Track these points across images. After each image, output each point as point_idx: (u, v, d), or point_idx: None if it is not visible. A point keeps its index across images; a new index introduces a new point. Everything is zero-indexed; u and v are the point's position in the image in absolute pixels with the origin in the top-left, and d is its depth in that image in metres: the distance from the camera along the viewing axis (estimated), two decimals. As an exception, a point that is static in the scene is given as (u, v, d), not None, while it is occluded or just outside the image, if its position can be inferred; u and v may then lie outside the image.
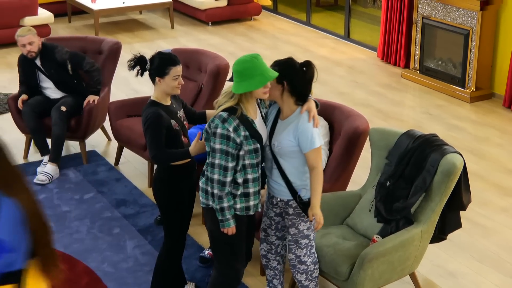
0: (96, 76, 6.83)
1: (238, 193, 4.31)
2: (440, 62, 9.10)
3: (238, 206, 4.34)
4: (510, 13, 8.38)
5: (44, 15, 10.85)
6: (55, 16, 11.59)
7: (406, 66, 9.70)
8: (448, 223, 4.98)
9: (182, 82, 4.63)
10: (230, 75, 5.61)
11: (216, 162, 4.21)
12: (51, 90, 6.85)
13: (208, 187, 4.31)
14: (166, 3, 11.84)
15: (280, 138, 4.34)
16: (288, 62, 4.37)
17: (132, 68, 4.68)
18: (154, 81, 4.61)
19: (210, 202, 4.33)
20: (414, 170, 4.78)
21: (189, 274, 5.24)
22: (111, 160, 7.10)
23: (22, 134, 7.10)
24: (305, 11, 12.20)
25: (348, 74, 9.69)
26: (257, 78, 4.13)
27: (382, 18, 10.03)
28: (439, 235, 5.01)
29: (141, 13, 12.87)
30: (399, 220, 4.74)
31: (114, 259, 5.48)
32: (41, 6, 11.50)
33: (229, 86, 4.39)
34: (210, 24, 12.06)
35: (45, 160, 6.79)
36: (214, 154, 4.21)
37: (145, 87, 9.01)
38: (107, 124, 7.54)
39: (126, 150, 7.08)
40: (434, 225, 4.80)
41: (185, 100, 6.72)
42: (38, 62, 6.74)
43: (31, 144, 7.23)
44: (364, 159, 5.81)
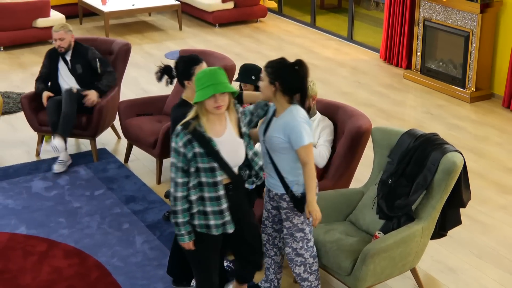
0: (111, 79, 6.91)
1: (195, 210, 4.09)
2: (441, 63, 9.09)
3: (197, 223, 4.12)
4: (509, 15, 8.36)
5: (56, 17, 10.87)
6: (67, 18, 11.61)
7: (408, 67, 9.69)
8: (448, 220, 4.97)
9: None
10: (236, 76, 5.62)
11: (171, 176, 4.06)
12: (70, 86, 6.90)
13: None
14: (174, 6, 11.84)
15: (270, 134, 4.38)
16: (280, 63, 4.40)
17: (160, 79, 4.60)
18: (184, 85, 4.53)
19: None
20: (415, 168, 4.78)
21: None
22: (121, 157, 7.11)
23: (35, 132, 7.11)
24: (309, 13, 12.19)
25: (351, 74, 9.68)
26: (206, 90, 3.91)
27: (384, 20, 10.02)
28: (440, 232, 5.00)
29: (150, 15, 12.88)
30: (401, 217, 4.74)
31: (124, 254, 5.49)
32: (53, 8, 11.52)
33: (236, 86, 4.40)
34: (217, 26, 12.06)
35: (61, 157, 6.81)
36: (171, 167, 4.07)
37: (154, 87, 9.02)
38: (117, 122, 7.56)
39: (135, 148, 7.09)
40: (435, 222, 4.80)
41: (192, 100, 6.75)
42: (68, 56, 6.90)
43: (43, 142, 7.24)
44: (366, 158, 5.80)
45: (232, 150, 4.10)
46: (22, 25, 10.60)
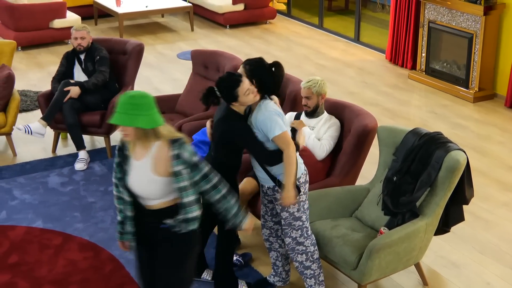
0: (99, 79, 6.87)
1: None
2: (445, 64, 9.06)
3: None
4: (512, 17, 8.35)
5: (72, 18, 10.89)
6: (82, 19, 11.63)
7: (413, 67, 9.67)
8: (451, 216, 4.96)
9: (255, 90, 4.35)
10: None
11: None
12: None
13: None
14: (186, 7, 11.85)
15: None
16: (257, 62, 4.48)
17: (206, 103, 4.41)
18: (232, 104, 4.40)
19: None
20: (419, 166, 4.77)
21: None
22: (134, 154, 7.11)
23: (51, 130, 7.13)
24: (317, 15, 12.17)
25: (357, 75, 9.67)
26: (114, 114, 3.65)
27: (390, 22, 9.99)
28: (443, 228, 4.99)
29: (163, 16, 12.89)
30: (405, 213, 4.73)
31: (136, 248, 5.50)
32: (69, 9, 11.54)
33: None
34: (228, 27, 12.06)
35: (80, 155, 6.84)
36: None
37: (166, 86, 9.03)
38: (131, 120, 7.55)
39: (148, 145, 7.10)
40: (438, 218, 4.79)
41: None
42: (83, 56, 6.96)
43: (59, 139, 7.26)
44: (372, 155, 5.80)
45: (139, 180, 3.72)
46: (39, 25, 10.63)
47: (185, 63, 10.00)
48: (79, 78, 6.95)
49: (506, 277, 5.18)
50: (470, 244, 5.61)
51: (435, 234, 4.94)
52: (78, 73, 6.98)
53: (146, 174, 3.69)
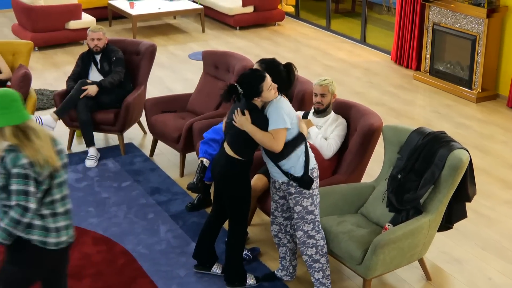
0: (115, 78, 6.88)
1: None
2: (449, 65, 9.03)
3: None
4: (514, 20, 8.31)
5: (87, 19, 10.91)
6: (97, 20, 11.65)
7: (418, 68, 9.64)
8: (454, 213, 4.95)
9: (275, 86, 4.39)
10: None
11: None
12: None
13: None
14: (197, 9, 11.85)
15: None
16: (271, 62, 4.55)
17: (227, 100, 4.42)
18: (253, 100, 4.41)
19: None
20: (423, 164, 4.76)
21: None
22: (147, 152, 7.13)
23: (66, 127, 7.15)
24: (325, 17, 12.15)
25: (363, 75, 9.65)
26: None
27: (395, 24, 9.97)
28: (446, 224, 4.98)
29: (175, 18, 12.89)
30: (409, 210, 4.72)
31: (149, 242, 5.51)
32: (84, 11, 11.56)
33: None
34: (238, 28, 12.05)
35: (90, 152, 6.85)
36: None
37: (178, 86, 9.04)
38: (143, 119, 7.57)
39: (160, 143, 7.11)
40: (442, 215, 4.78)
41: (213, 98, 6.76)
42: (98, 57, 6.98)
43: (74, 136, 7.28)
44: (377, 154, 5.78)
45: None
46: (55, 27, 10.65)
47: (196, 63, 10.00)
48: (94, 78, 6.96)
49: (507, 272, 5.17)
50: (472, 240, 5.59)
51: (438, 231, 4.93)
52: (93, 73, 6.99)
53: None
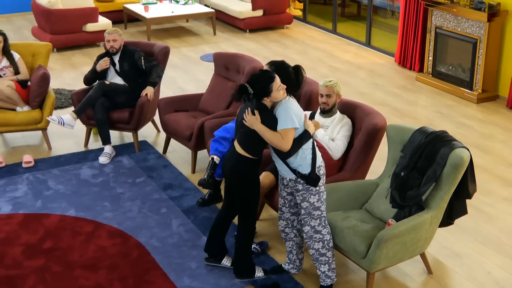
0: (159, 70, 6.98)
1: None
2: (450, 67, 9.01)
3: None
4: (514, 24, 8.28)
5: (103, 22, 10.94)
6: (113, 23, 11.69)
7: (420, 70, 9.62)
8: (455, 210, 4.94)
9: (284, 87, 4.39)
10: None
11: None
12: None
13: None
14: (209, 13, 11.87)
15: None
16: (281, 64, 4.51)
17: (238, 99, 4.41)
18: (262, 100, 4.40)
19: None
20: (425, 162, 4.75)
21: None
22: (160, 149, 7.15)
23: (83, 125, 7.17)
24: (331, 21, 12.14)
25: (368, 76, 9.64)
26: None
27: (399, 27, 9.95)
28: (447, 220, 4.98)
29: (187, 21, 12.92)
30: (412, 206, 4.72)
31: (161, 235, 5.53)
32: (101, 14, 11.60)
33: None
34: (248, 31, 12.06)
35: (106, 150, 6.87)
36: None
37: (190, 86, 9.05)
38: (157, 117, 7.60)
39: (173, 141, 7.13)
40: (443, 211, 4.77)
41: (224, 98, 6.77)
42: (116, 58, 7.00)
43: (91, 134, 7.30)
44: (381, 152, 5.79)
45: None
46: (73, 29, 10.69)
47: (207, 65, 10.02)
48: (112, 79, 6.98)
49: (506, 267, 5.16)
50: (472, 235, 5.58)
51: (440, 226, 4.93)
52: (112, 74, 7.02)
53: None
